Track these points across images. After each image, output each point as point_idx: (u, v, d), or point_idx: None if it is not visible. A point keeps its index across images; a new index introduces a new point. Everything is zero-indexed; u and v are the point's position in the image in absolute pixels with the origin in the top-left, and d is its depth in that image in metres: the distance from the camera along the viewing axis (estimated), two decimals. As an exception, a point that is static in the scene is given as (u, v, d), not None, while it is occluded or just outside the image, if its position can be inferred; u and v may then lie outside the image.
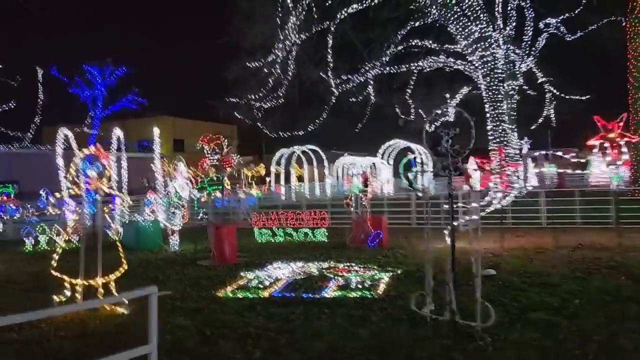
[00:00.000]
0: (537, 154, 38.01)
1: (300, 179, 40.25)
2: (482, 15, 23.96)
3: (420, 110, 33.02)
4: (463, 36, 24.68)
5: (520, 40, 26.68)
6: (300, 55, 26.78)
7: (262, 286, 8.53)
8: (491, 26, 24.28)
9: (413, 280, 8.36)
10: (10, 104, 28.15)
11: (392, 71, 27.91)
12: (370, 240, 12.07)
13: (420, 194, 12.70)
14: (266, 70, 25.87)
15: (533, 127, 33.12)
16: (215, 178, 11.66)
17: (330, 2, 25.74)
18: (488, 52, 24.01)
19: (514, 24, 26.47)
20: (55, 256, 7.32)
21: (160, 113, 50.61)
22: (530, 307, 6.52)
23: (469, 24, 24.36)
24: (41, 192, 16.56)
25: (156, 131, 16.66)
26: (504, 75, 24.69)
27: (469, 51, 24.92)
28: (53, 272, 7.25)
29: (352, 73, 27.44)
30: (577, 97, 31.36)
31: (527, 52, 26.80)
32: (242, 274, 9.58)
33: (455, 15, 24.49)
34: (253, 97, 25.62)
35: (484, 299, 5.41)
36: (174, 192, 13.50)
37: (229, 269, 10.20)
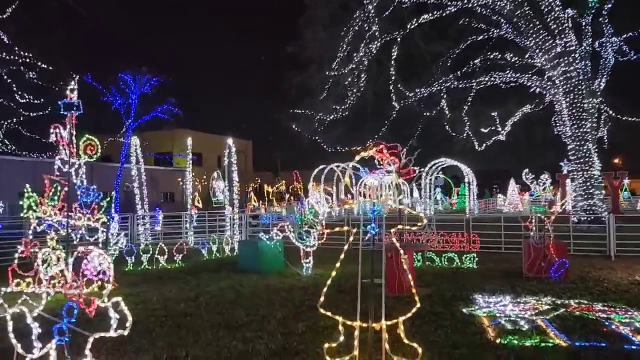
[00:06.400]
0: None
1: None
2: (567, 29, 22.84)
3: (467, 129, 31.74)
4: (543, 50, 23.50)
5: (599, 57, 25.60)
6: (367, 67, 25.39)
7: (519, 329, 6.85)
8: (575, 40, 23.14)
9: None
10: (47, 110, 26.44)
11: (460, 86, 26.58)
12: (554, 270, 10.43)
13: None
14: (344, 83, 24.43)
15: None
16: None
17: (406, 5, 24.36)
18: (572, 68, 22.83)
19: (589, 40, 25.39)
20: (325, 290, 5.58)
21: (177, 126, 48.80)
22: None
23: (550, 38, 23.20)
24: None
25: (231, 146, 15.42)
26: (584, 93, 23.49)
27: (549, 66, 23.74)
28: (321, 309, 5.51)
29: (419, 87, 26.09)
30: (635, 119, 30.22)
31: (603, 69, 25.69)
32: (464, 310, 7.88)
33: (535, 29, 23.33)
34: (335, 107, 24.07)
35: None
36: (308, 208, 11.80)
37: (428, 304, 8.47)
